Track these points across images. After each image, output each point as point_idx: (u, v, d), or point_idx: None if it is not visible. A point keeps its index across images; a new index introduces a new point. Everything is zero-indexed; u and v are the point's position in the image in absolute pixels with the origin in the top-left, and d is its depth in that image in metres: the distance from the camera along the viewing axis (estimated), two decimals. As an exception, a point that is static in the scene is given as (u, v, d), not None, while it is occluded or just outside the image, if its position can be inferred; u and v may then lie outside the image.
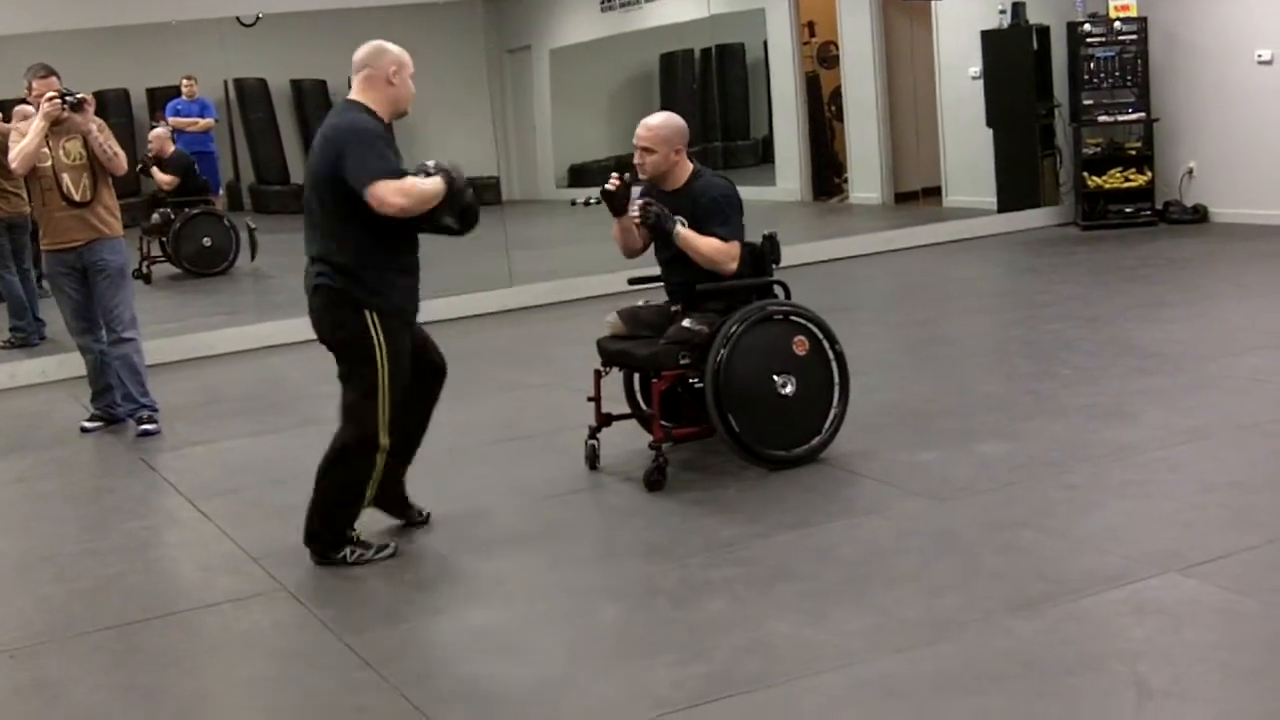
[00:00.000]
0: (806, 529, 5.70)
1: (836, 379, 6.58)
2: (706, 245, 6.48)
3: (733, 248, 6.50)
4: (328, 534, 5.75)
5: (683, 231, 6.47)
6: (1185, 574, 4.84)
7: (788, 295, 6.73)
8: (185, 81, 15.07)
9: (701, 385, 6.41)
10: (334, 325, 5.69)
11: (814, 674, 4.33)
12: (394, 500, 6.10)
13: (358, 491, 5.75)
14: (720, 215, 6.51)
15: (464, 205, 5.73)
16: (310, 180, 5.70)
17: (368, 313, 5.59)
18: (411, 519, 6.16)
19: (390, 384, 5.63)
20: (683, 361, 6.42)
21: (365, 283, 5.60)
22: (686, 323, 6.48)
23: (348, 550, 5.73)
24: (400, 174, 5.50)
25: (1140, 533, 5.35)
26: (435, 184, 5.57)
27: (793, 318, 6.53)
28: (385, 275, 5.64)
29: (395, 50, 5.76)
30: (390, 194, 5.41)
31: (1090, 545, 5.23)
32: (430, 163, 5.66)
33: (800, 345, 6.48)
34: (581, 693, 4.44)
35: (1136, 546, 5.16)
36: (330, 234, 5.64)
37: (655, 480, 6.40)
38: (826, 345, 6.57)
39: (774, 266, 6.80)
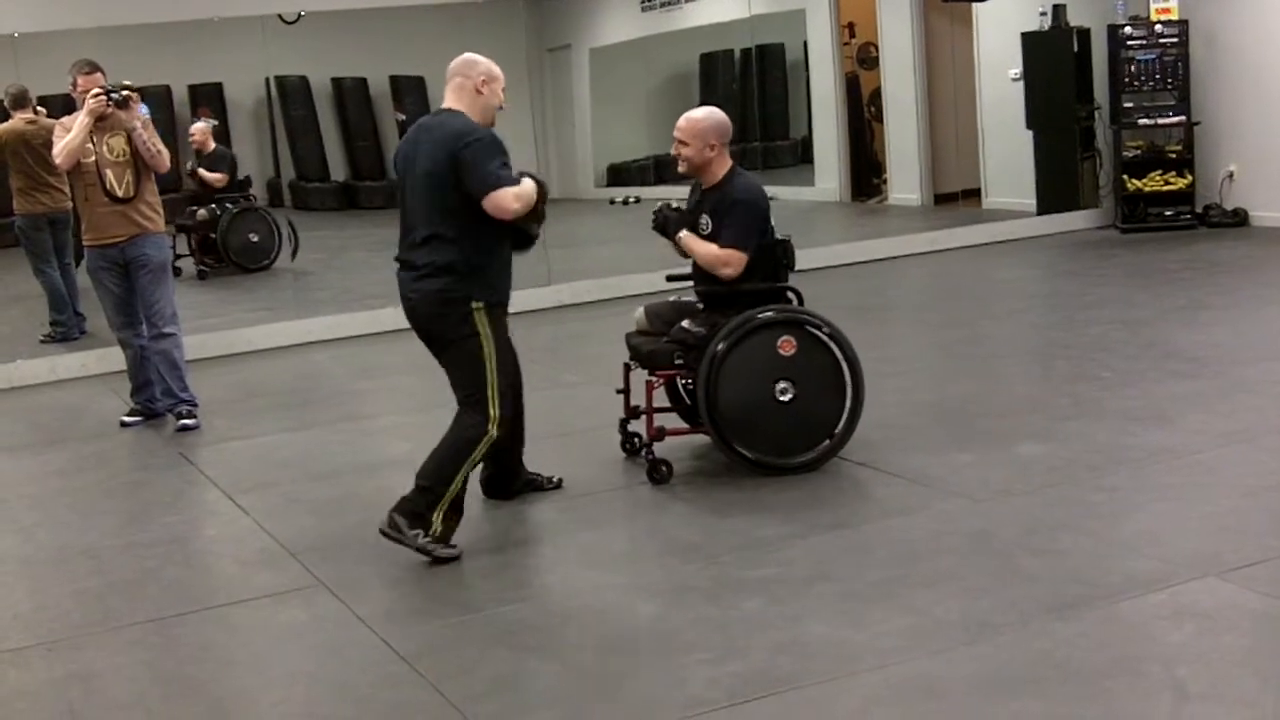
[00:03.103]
0: (843, 529, 5.70)
1: (847, 372, 6.47)
2: (703, 250, 6.52)
3: (729, 255, 6.45)
4: (410, 506, 5.73)
5: (684, 236, 6.58)
6: (1224, 578, 4.82)
7: (800, 302, 6.64)
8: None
9: (692, 388, 6.45)
10: (443, 322, 5.88)
11: (850, 674, 4.32)
12: (513, 480, 6.46)
13: (453, 474, 5.77)
14: (731, 217, 6.49)
15: (542, 213, 6.01)
16: (418, 181, 5.84)
17: (474, 306, 5.84)
18: (543, 486, 6.52)
19: (498, 374, 5.89)
20: (677, 361, 6.47)
21: (474, 279, 5.83)
22: (686, 323, 6.53)
23: (421, 532, 5.69)
24: (514, 181, 5.76)
25: (1179, 536, 5.32)
26: (533, 187, 5.84)
27: (776, 322, 6.43)
28: (491, 269, 5.90)
29: (485, 61, 5.96)
30: (509, 200, 5.69)
31: (1128, 548, 5.21)
32: (518, 172, 5.87)
33: (786, 345, 6.40)
34: (616, 690, 4.44)
35: (1175, 550, 5.14)
36: (441, 233, 5.79)
37: (656, 476, 6.46)
38: (823, 336, 6.44)
39: (788, 272, 6.70)
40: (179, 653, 5.07)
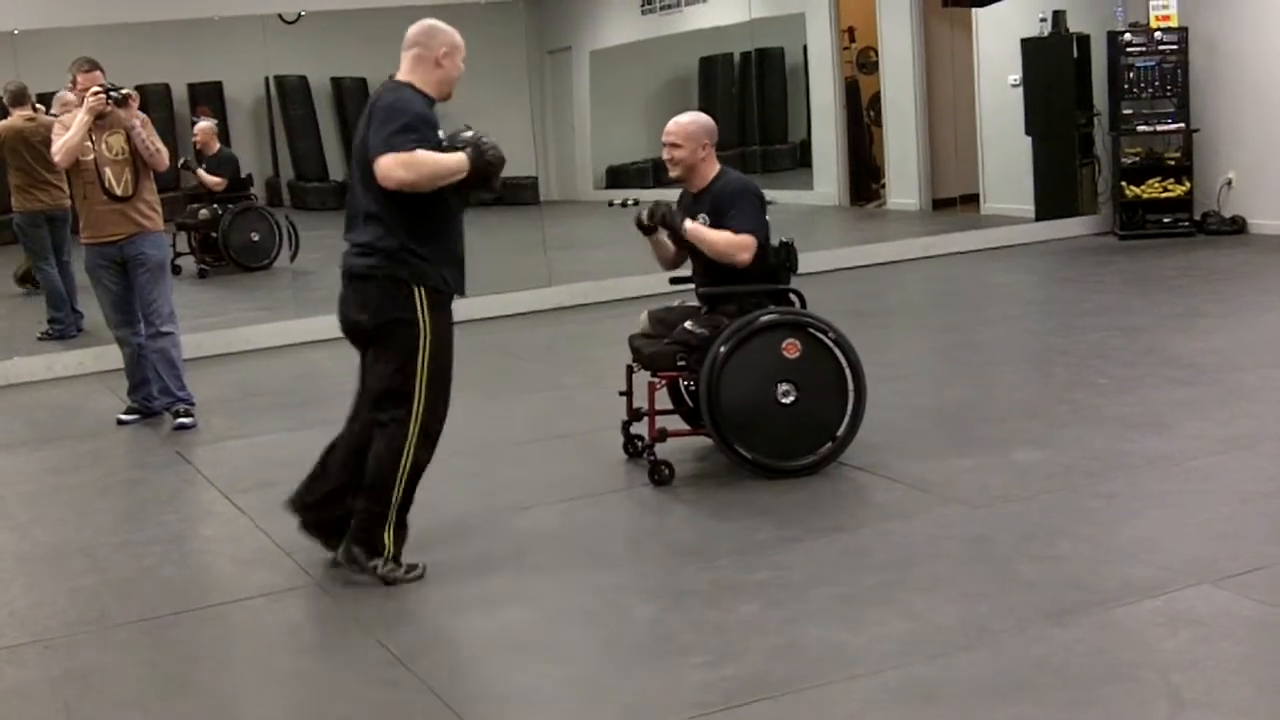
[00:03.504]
0: (840, 533, 5.70)
1: (849, 376, 6.47)
2: (716, 236, 6.47)
3: (744, 239, 6.43)
4: (363, 534, 5.43)
5: (691, 225, 6.51)
6: (1220, 585, 4.82)
7: (803, 305, 6.64)
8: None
9: (695, 390, 6.43)
10: (377, 304, 5.47)
11: (847, 679, 4.32)
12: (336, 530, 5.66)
13: (390, 490, 5.42)
14: (735, 206, 6.49)
15: (491, 174, 5.43)
16: (357, 157, 5.47)
17: (415, 289, 5.39)
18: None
19: (430, 367, 5.40)
20: (679, 363, 6.46)
21: (414, 262, 5.38)
22: (688, 324, 6.52)
23: (380, 561, 5.41)
24: (411, 148, 5.22)
25: (1176, 543, 5.32)
26: (454, 159, 5.31)
27: (779, 324, 6.43)
28: (434, 253, 5.41)
29: (448, 30, 5.60)
30: (392, 166, 5.18)
31: (1125, 555, 5.21)
32: (467, 133, 5.42)
33: (791, 348, 6.40)
34: (612, 692, 4.45)
35: (1172, 557, 5.14)
36: (376, 213, 5.40)
37: (657, 478, 6.46)
38: (829, 342, 6.44)
39: (790, 274, 6.70)
40: (175, 651, 5.08)
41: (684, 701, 4.25)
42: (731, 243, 6.45)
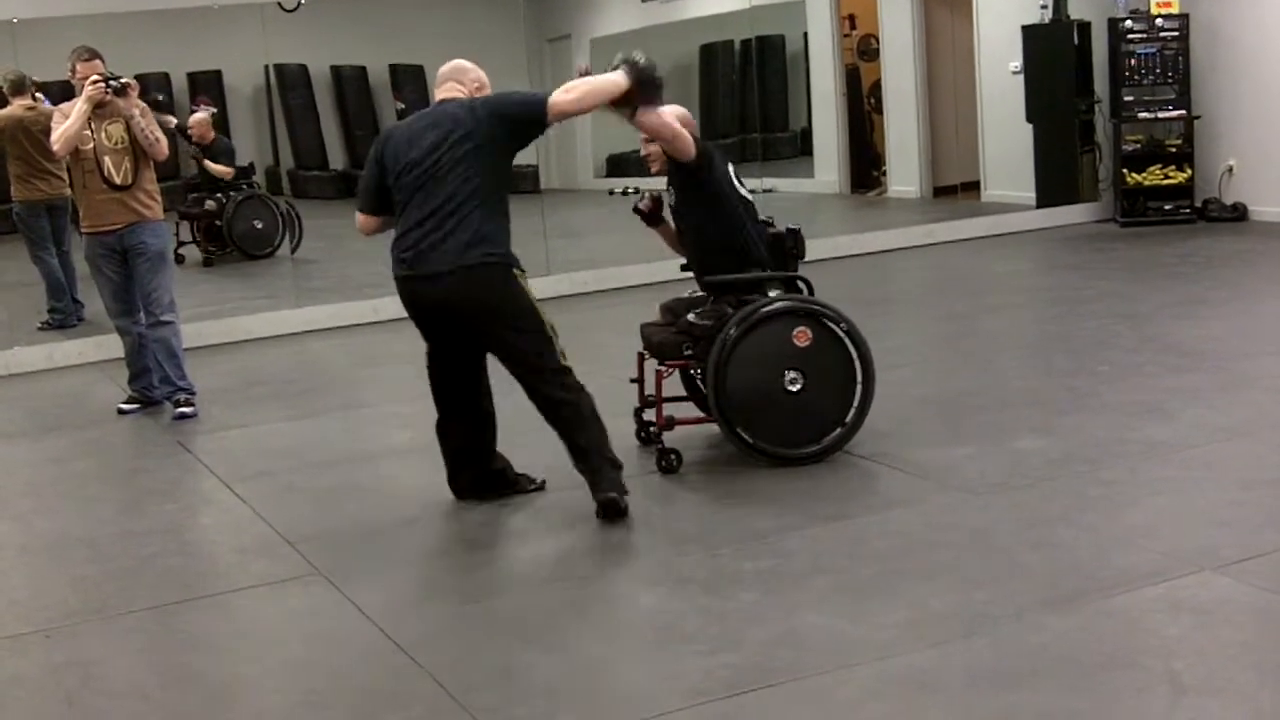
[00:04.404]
0: (840, 521, 5.70)
1: (858, 366, 6.48)
2: (665, 117, 6.19)
3: (684, 127, 6.32)
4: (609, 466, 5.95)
5: (647, 112, 6.11)
6: (1221, 572, 4.82)
7: (810, 291, 6.64)
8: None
9: (702, 379, 6.43)
10: (492, 293, 5.85)
11: (846, 666, 4.33)
12: (495, 480, 6.30)
13: (603, 436, 5.99)
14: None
15: (656, 85, 5.94)
16: (446, 157, 5.78)
17: (516, 274, 5.90)
18: (525, 489, 6.34)
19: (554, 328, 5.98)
20: (686, 352, 6.47)
21: (508, 247, 5.91)
22: (692, 316, 6.53)
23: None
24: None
25: (1176, 530, 5.33)
26: (609, 78, 5.81)
27: (790, 312, 6.42)
28: (509, 238, 5.97)
29: (476, 69, 6.05)
30: (559, 99, 5.71)
31: (1126, 542, 5.22)
32: (619, 56, 5.89)
33: (801, 336, 6.39)
34: (614, 680, 4.45)
35: (1172, 544, 5.14)
36: (475, 205, 5.79)
37: (664, 465, 6.47)
38: (840, 332, 6.44)
39: (798, 261, 6.71)
40: (176, 640, 5.08)
41: (685, 689, 4.25)
42: (675, 128, 6.26)
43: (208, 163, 14.31)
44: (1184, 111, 13.42)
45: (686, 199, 6.57)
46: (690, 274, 7.00)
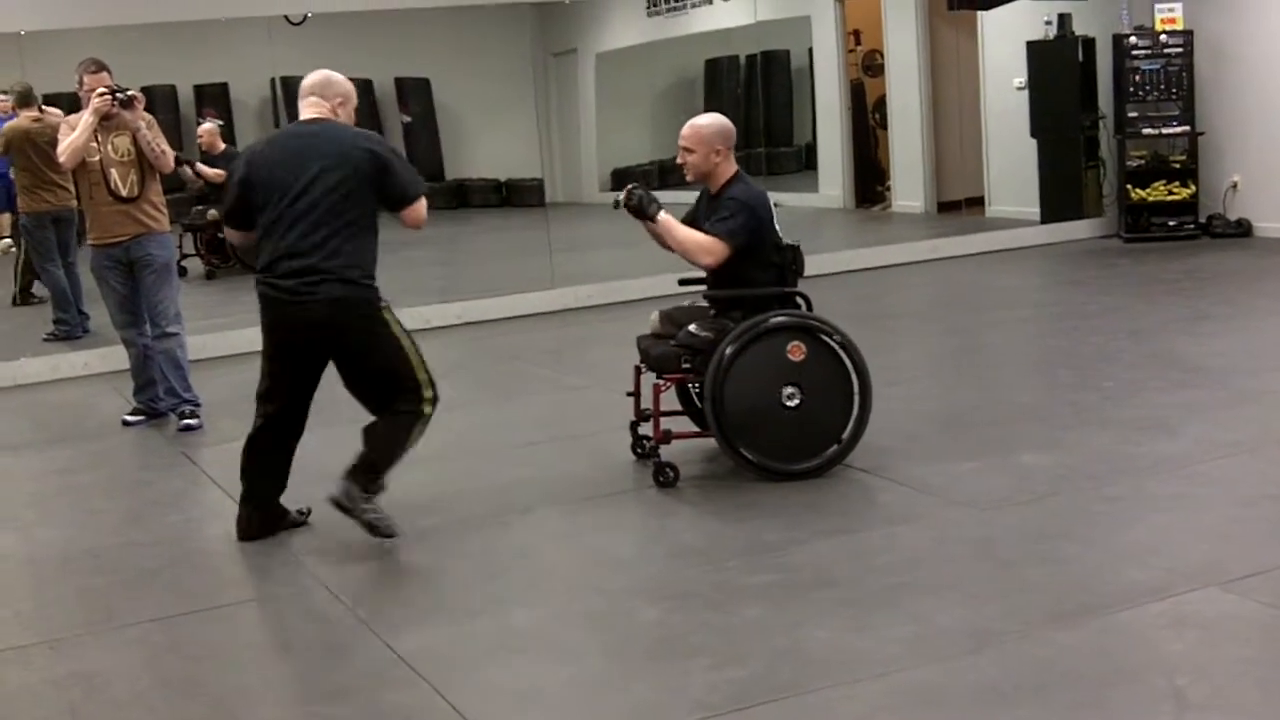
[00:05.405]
0: (846, 536, 5.70)
1: (855, 380, 6.45)
2: (683, 234, 6.42)
3: (711, 243, 6.36)
4: (376, 476, 5.98)
5: (664, 217, 6.42)
6: (1225, 588, 4.82)
7: (809, 308, 6.62)
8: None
9: (700, 392, 6.45)
10: (352, 326, 5.89)
11: (852, 681, 4.32)
12: (279, 521, 6.30)
13: (397, 458, 6.04)
14: (723, 209, 6.42)
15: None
16: (317, 184, 5.74)
17: (381, 306, 5.93)
18: (296, 521, 6.35)
19: (418, 352, 5.99)
20: (684, 366, 6.46)
21: (373, 283, 5.90)
22: (693, 327, 6.51)
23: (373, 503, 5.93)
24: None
25: (1180, 546, 5.33)
26: None
27: (785, 328, 6.40)
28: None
29: (344, 82, 6.07)
30: (424, 210, 5.94)
31: (1130, 558, 5.22)
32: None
33: (795, 351, 6.38)
34: (617, 693, 4.45)
35: (1177, 560, 5.14)
36: (352, 242, 5.80)
37: (662, 479, 6.45)
38: (835, 346, 6.42)
39: (797, 277, 6.67)
40: (180, 652, 5.08)
41: (689, 704, 4.25)
42: (697, 242, 6.40)
43: (199, 166, 14.25)
44: (1188, 127, 13.42)
45: (712, 221, 6.52)
46: (690, 288, 7.02)
